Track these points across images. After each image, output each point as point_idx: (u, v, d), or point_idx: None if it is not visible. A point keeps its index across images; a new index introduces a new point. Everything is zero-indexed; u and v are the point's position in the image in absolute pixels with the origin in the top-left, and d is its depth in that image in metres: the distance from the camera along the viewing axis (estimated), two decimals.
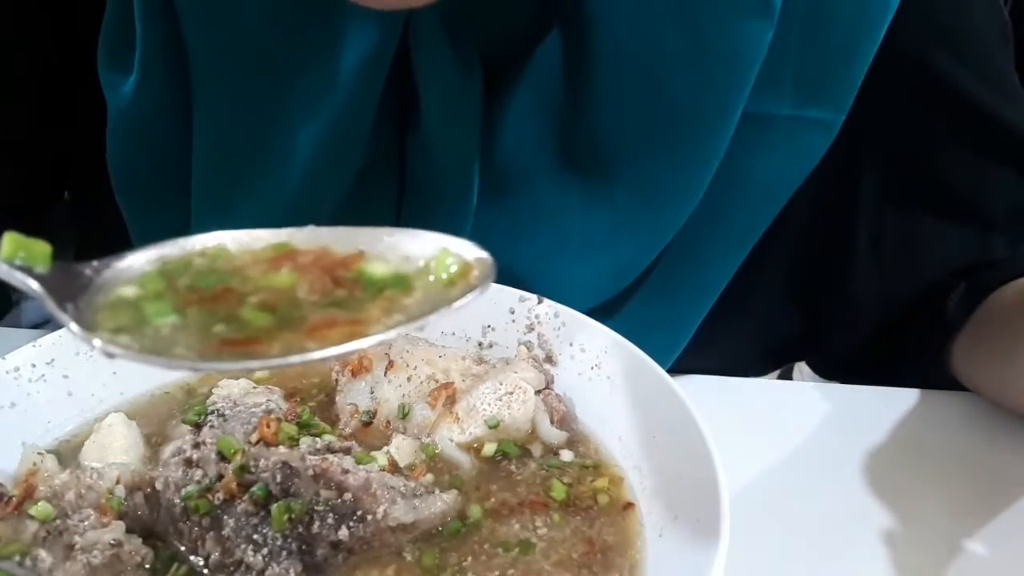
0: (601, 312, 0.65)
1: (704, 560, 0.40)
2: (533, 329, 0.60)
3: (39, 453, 0.51)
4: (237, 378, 0.56)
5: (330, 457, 0.47)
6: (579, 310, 0.60)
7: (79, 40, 0.67)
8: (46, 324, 1.15)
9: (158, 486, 0.47)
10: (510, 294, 0.61)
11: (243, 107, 0.63)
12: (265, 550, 0.44)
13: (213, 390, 0.54)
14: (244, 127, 0.64)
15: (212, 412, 0.51)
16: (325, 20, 0.59)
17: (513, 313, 0.60)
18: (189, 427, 0.51)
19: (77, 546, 0.44)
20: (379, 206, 0.67)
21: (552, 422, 0.54)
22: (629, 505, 0.49)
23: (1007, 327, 0.64)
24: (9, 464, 0.51)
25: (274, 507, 0.44)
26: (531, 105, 0.64)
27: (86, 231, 0.86)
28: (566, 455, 0.54)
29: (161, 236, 0.67)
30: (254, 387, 0.55)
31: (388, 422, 0.55)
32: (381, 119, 0.63)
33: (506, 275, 0.64)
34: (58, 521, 0.46)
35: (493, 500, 0.50)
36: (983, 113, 0.70)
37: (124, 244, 0.69)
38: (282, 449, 0.47)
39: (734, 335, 0.73)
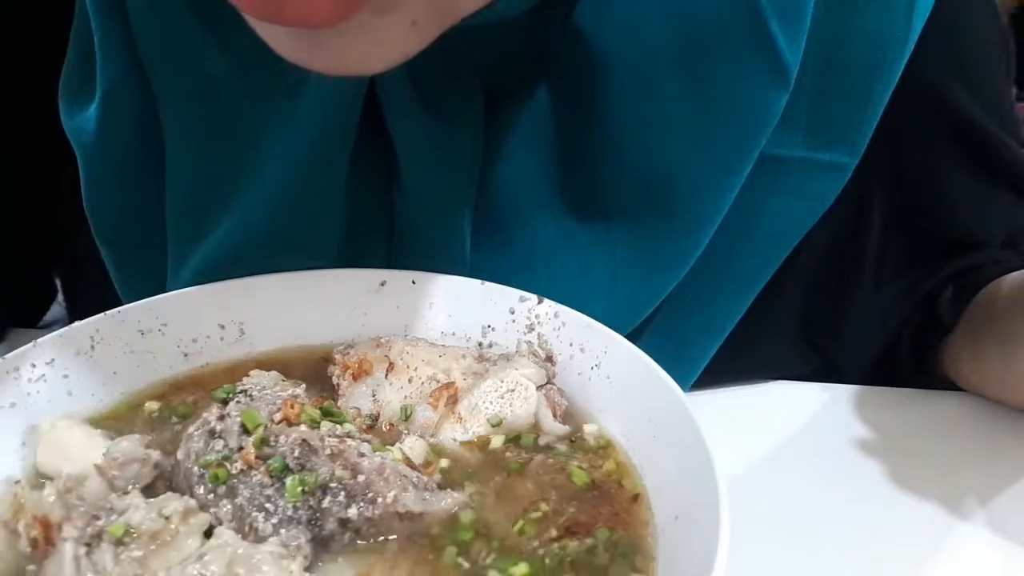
0: None
1: (704, 560, 0.40)
2: (533, 329, 0.60)
3: (16, 482, 0.50)
4: (268, 370, 0.56)
5: (348, 441, 0.48)
6: None
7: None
8: (48, 325, 1.15)
9: (179, 456, 0.48)
10: (510, 294, 0.61)
11: (212, 153, 0.63)
12: (275, 519, 0.45)
13: (244, 378, 0.54)
14: (213, 172, 0.63)
15: (241, 392, 0.52)
16: (291, 76, 0.58)
17: (513, 313, 0.60)
18: (217, 403, 0.51)
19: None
20: (371, 250, 0.66)
21: (555, 417, 0.54)
22: (636, 497, 0.49)
23: (999, 321, 0.65)
24: (9, 464, 0.51)
25: (289, 479, 0.46)
26: (527, 149, 0.63)
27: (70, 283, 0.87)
28: (589, 429, 0.54)
29: (146, 280, 0.68)
30: (283, 379, 0.55)
31: (391, 424, 0.55)
32: (364, 172, 0.62)
33: None
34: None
35: (505, 497, 0.50)
36: (990, 144, 0.70)
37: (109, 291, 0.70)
38: (303, 428, 0.48)
39: (741, 375, 0.73)
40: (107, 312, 0.58)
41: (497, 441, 0.53)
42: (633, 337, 0.66)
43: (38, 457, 0.52)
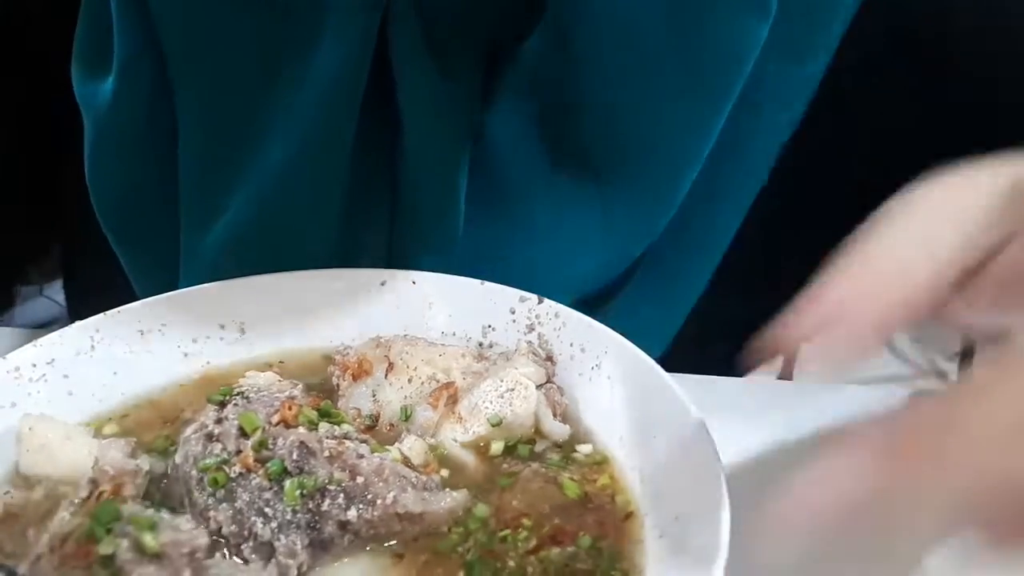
0: (597, 296, 0.66)
1: (705, 560, 0.40)
2: (533, 329, 0.60)
3: (6, 492, 0.49)
4: (263, 371, 0.56)
5: (346, 442, 0.48)
6: (575, 298, 0.61)
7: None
8: (48, 325, 1.16)
9: (178, 460, 0.48)
10: (510, 294, 0.61)
11: (223, 125, 0.63)
12: (274, 523, 0.45)
13: (240, 380, 0.54)
14: (225, 133, 0.63)
15: (238, 394, 0.52)
16: (304, 26, 0.58)
17: (513, 313, 0.60)
18: (213, 406, 0.51)
19: None
20: (374, 220, 0.66)
21: (555, 415, 0.54)
22: (629, 515, 0.49)
23: None
24: (8, 464, 0.51)
25: (288, 482, 0.46)
26: (520, 106, 0.63)
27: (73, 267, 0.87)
28: (584, 448, 0.54)
29: (152, 262, 0.68)
30: (279, 379, 0.55)
31: (392, 425, 0.55)
32: (369, 130, 0.62)
33: (501, 276, 0.64)
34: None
35: (503, 506, 0.50)
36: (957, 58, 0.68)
37: (116, 275, 0.70)
38: (301, 430, 0.48)
39: (741, 330, 0.73)
40: (107, 312, 0.58)
41: (496, 448, 0.53)
42: (622, 279, 0.67)
43: (21, 460, 0.51)
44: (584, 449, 0.54)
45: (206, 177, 0.65)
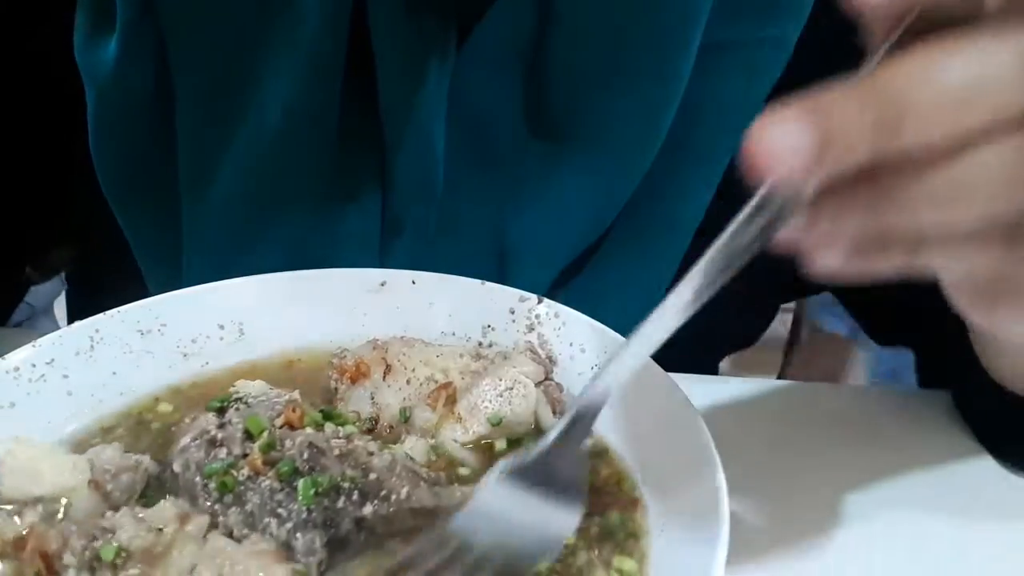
0: (576, 265, 0.67)
1: (704, 559, 0.40)
2: (533, 329, 0.60)
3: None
4: (254, 379, 0.56)
5: (355, 440, 0.48)
6: (560, 265, 0.63)
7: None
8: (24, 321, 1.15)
9: (176, 468, 0.48)
10: (510, 294, 0.61)
11: (216, 69, 0.63)
12: (289, 524, 0.45)
13: (229, 389, 0.54)
14: (218, 90, 0.63)
15: (237, 399, 0.51)
16: None
17: (513, 313, 0.60)
18: (212, 413, 0.51)
19: None
20: (362, 172, 0.66)
21: (554, 413, 0.54)
22: (634, 502, 0.50)
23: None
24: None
25: (301, 481, 0.45)
26: (500, 71, 0.64)
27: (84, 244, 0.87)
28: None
29: (156, 232, 0.67)
30: (270, 388, 0.54)
31: (391, 427, 0.55)
32: (354, 80, 0.62)
33: (496, 243, 0.65)
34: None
35: None
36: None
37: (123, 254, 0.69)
38: (308, 430, 0.48)
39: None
40: (107, 312, 0.58)
41: (500, 445, 0.53)
42: (601, 242, 0.68)
43: (4, 484, 0.48)
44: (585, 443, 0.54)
45: (203, 135, 0.65)
